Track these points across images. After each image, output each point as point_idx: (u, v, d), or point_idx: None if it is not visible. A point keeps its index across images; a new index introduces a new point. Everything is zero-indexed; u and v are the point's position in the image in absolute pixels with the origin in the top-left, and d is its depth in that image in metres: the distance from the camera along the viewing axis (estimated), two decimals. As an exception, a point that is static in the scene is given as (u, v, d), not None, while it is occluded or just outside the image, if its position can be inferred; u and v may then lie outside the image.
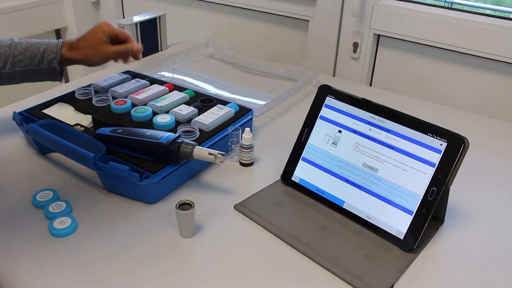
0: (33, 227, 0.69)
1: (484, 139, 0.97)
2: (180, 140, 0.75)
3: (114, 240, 0.67)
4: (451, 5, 1.16)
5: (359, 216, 0.71)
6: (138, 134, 0.77)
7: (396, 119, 0.70)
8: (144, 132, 0.77)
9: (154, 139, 0.75)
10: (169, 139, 0.74)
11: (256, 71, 1.27)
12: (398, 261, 0.65)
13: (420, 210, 0.66)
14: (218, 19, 1.51)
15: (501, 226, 0.73)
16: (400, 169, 0.68)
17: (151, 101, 0.93)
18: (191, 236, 0.68)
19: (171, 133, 0.76)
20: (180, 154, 0.73)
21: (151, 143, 0.74)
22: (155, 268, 0.63)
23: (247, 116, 0.91)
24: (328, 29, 1.27)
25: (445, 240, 0.69)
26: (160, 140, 0.74)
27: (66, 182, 0.79)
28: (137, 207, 0.74)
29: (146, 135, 0.76)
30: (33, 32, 1.55)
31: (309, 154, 0.78)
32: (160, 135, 0.76)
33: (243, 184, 0.81)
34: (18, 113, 0.87)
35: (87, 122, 0.89)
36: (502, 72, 1.08)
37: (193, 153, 0.73)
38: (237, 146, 0.85)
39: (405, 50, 1.20)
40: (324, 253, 0.65)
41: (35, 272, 0.62)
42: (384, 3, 1.17)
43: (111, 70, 1.24)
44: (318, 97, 0.79)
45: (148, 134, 0.76)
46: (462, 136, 0.64)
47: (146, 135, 0.76)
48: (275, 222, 0.71)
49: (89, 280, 0.60)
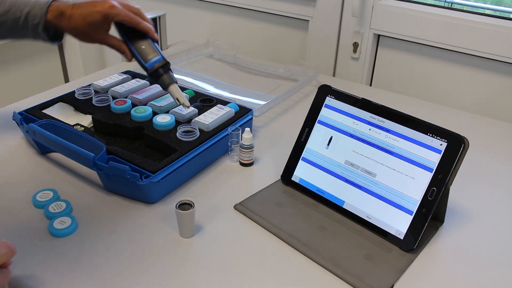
0: (33, 227, 0.69)
1: (484, 139, 0.97)
2: (163, 71, 0.74)
3: (114, 240, 0.67)
4: (451, 5, 1.16)
5: (359, 216, 0.71)
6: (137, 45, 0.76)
7: (396, 119, 0.70)
8: (140, 45, 0.75)
9: (142, 59, 0.75)
10: (153, 67, 0.74)
11: (256, 71, 1.27)
12: (398, 261, 0.65)
13: (420, 210, 0.66)
14: (218, 19, 1.51)
15: (501, 226, 0.73)
16: (398, 175, 0.68)
17: (151, 101, 0.93)
18: (191, 236, 0.68)
19: (160, 59, 0.75)
20: (158, 82, 0.75)
21: (139, 62, 0.75)
22: (155, 268, 0.63)
23: (247, 116, 0.91)
24: (328, 29, 1.27)
25: (445, 240, 0.69)
26: (146, 63, 0.74)
27: (66, 182, 0.79)
28: (137, 207, 0.74)
29: (141, 48, 0.75)
30: (33, 32, 1.55)
31: (309, 154, 0.78)
32: (149, 57, 0.74)
33: (243, 184, 0.81)
34: (18, 113, 0.87)
35: (87, 122, 0.89)
36: (502, 72, 1.08)
37: (168, 87, 0.75)
38: (237, 146, 0.85)
39: (405, 50, 1.20)
40: (324, 253, 0.65)
41: (35, 272, 0.61)
42: (384, 3, 1.17)
43: (111, 70, 1.24)
44: (318, 97, 0.79)
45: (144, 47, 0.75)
46: (462, 136, 0.64)
47: (141, 48, 0.75)
48: (275, 222, 0.71)
49: (89, 280, 0.60)
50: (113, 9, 0.71)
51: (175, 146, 0.80)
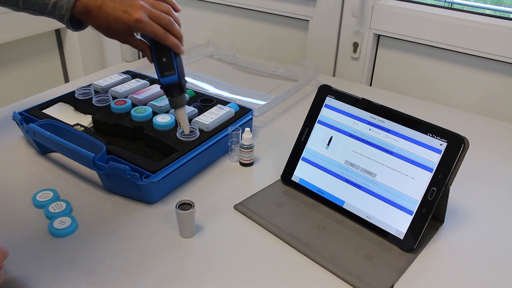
0: (33, 227, 0.69)
1: (484, 139, 0.97)
2: (175, 93, 0.71)
3: (114, 240, 0.67)
4: (451, 5, 1.16)
5: (359, 216, 0.71)
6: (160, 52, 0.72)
7: (396, 119, 0.70)
8: (161, 57, 0.72)
9: (159, 72, 0.71)
10: (167, 84, 0.70)
11: (256, 71, 1.27)
12: (398, 261, 0.65)
13: (420, 210, 0.66)
14: (218, 19, 1.51)
15: (501, 226, 0.73)
16: (398, 175, 0.68)
17: (151, 101, 0.93)
18: (191, 236, 0.68)
19: (175, 79, 0.71)
20: (168, 99, 0.72)
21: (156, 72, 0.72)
22: (155, 268, 0.63)
23: (247, 116, 0.91)
24: (328, 29, 1.27)
25: (445, 240, 0.69)
26: (160, 78, 0.70)
27: (66, 182, 0.79)
28: (137, 207, 0.74)
29: (161, 60, 0.71)
30: (33, 32, 1.55)
31: (309, 154, 0.78)
32: (166, 73, 0.70)
33: (243, 184, 0.81)
34: (18, 113, 0.87)
35: (87, 122, 0.89)
36: (502, 72, 1.08)
37: (175, 109, 0.72)
38: (237, 146, 0.85)
39: (405, 50, 1.20)
40: (324, 253, 0.65)
41: (35, 272, 0.61)
42: (384, 3, 1.17)
43: (111, 70, 1.24)
44: (318, 97, 0.79)
45: (164, 60, 0.71)
46: (462, 136, 0.64)
47: (161, 60, 0.71)
48: (275, 222, 0.71)
49: (89, 280, 0.60)
50: (138, 24, 0.68)
51: (175, 146, 0.80)
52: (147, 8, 0.69)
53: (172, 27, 0.71)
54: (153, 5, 0.71)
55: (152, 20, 0.69)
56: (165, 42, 0.71)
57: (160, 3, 0.72)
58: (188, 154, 0.78)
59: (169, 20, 0.71)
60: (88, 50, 1.72)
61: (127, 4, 0.69)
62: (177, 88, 0.71)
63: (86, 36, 0.73)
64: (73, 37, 1.66)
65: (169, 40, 0.71)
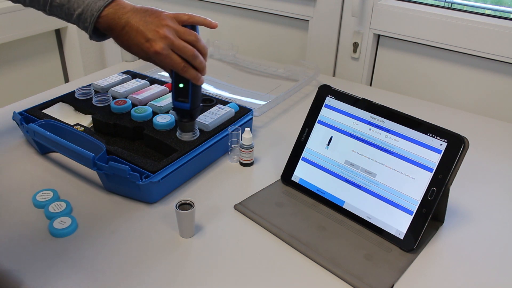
0: (33, 227, 0.69)
1: (484, 139, 0.97)
2: (185, 119, 0.73)
3: (114, 240, 0.67)
4: (451, 5, 1.16)
5: (359, 216, 0.71)
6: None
7: (396, 119, 0.70)
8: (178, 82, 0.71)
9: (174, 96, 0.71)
10: (178, 109, 0.71)
11: (256, 71, 1.27)
12: (398, 261, 0.65)
13: (420, 210, 0.66)
14: (218, 19, 1.51)
15: (501, 226, 0.73)
16: (398, 175, 0.68)
17: (151, 101, 0.93)
18: (191, 236, 0.68)
19: (186, 107, 0.71)
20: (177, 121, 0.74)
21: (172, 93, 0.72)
22: (155, 268, 0.63)
23: (247, 116, 0.91)
24: (328, 29, 1.27)
25: (445, 240, 0.69)
26: (174, 101, 0.71)
27: (66, 182, 0.79)
28: (137, 207, 0.74)
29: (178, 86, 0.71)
30: (33, 32, 1.55)
31: (309, 154, 0.78)
32: (180, 99, 0.71)
33: (243, 184, 0.81)
34: (18, 113, 0.87)
35: (87, 122, 0.89)
36: (502, 72, 1.08)
37: (181, 133, 0.78)
38: (237, 146, 0.85)
39: (405, 50, 1.20)
40: (324, 253, 0.65)
41: (35, 272, 0.61)
42: (384, 3, 1.17)
43: (111, 70, 1.24)
44: (318, 97, 0.79)
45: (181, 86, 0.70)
46: (462, 136, 0.64)
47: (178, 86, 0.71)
48: (275, 222, 0.71)
49: (89, 280, 0.60)
50: (157, 56, 0.66)
51: (175, 146, 0.80)
52: (170, 39, 0.66)
53: (194, 60, 0.68)
54: (179, 33, 0.68)
55: (175, 51, 0.66)
56: (183, 75, 0.69)
57: (187, 31, 0.68)
58: (188, 154, 0.78)
59: (193, 52, 0.67)
60: (88, 50, 1.72)
61: (151, 29, 0.66)
62: (187, 115, 0.73)
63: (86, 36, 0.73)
64: (73, 37, 1.66)
65: (188, 73, 0.68)
